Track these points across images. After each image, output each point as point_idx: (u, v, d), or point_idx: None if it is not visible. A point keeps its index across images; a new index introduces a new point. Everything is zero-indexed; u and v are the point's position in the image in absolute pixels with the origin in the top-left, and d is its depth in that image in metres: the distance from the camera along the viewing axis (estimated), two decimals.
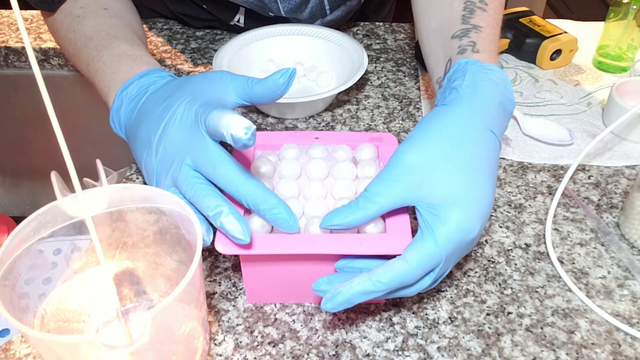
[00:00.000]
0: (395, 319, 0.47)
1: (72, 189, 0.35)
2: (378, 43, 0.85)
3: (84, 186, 0.41)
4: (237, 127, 0.37)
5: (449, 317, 0.47)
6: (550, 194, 0.60)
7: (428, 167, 0.40)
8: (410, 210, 0.57)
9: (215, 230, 0.43)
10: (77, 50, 0.60)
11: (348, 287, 0.39)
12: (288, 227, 0.41)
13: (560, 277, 0.51)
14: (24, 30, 0.27)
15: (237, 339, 0.46)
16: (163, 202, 0.41)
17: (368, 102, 0.72)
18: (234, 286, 0.50)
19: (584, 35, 0.82)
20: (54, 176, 0.37)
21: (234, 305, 0.48)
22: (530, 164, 0.63)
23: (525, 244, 0.54)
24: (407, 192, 0.40)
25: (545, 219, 0.56)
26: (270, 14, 0.77)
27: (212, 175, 0.42)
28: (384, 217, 0.45)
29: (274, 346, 0.45)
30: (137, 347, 0.32)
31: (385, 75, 0.78)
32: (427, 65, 0.58)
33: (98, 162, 0.40)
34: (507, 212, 0.57)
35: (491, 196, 0.41)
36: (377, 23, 0.90)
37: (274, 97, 0.44)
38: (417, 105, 0.72)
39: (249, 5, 0.76)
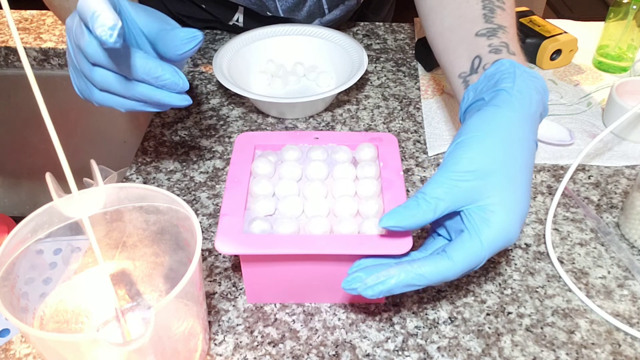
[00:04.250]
0: (395, 319, 0.47)
1: (69, 190, 0.35)
2: (378, 43, 0.85)
3: (83, 186, 0.41)
4: (101, 24, 0.38)
5: (449, 317, 0.47)
6: (550, 194, 0.59)
7: (486, 173, 0.40)
8: None
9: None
10: None
11: (391, 276, 0.39)
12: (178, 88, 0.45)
13: (560, 277, 0.51)
14: (14, 27, 0.27)
15: (237, 339, 0.46)
16: (160, 200, 0.41)
17: (368, 102, 0.72)
18: (234, 286, 0.50)
19: (584, 35, 0.82)
20: (48, 177, 0.37)
21: (234, 305, 0.48)
22: None
23: (525, 244, 0.54)
24: (464, 197, 0.40)
25: (545, 219, 0.56)
26: (268, 13, 0.77)
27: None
28: None
29: (274, 346, 0.45)
30: (141, 343, 0.32)
31: (385, 75, 0.78)
32: (443, 60, 0.58)
33: (92, 162, 0.40)
34: None
35: (529, 203, 0.42)
36: (377, 23, 0.90)
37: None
38: (417, 105, 0.72)
39: (248, 4, 0.76)
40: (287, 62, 0.76)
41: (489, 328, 0.47)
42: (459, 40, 0.54)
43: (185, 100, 0.48)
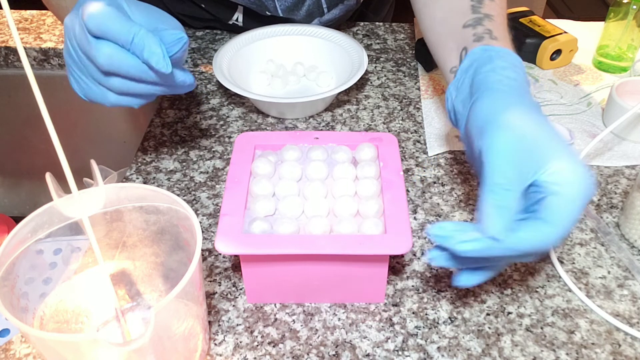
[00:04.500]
0: (395, 319, 0.47)
1: (69, 190, 0.35)
2: (378, 43, 0.85)
3: (83, 186, 0.41)
4: (154, 54, 0.44)
5: (449, 317, 0.47)
6: None
7: (533, 142, 0.39)
8: (411, 210, 0.57)
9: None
10: None
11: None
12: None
13: (560, 277, 0.51)
14: (14, 27, 0.27)
15: (237, 339, 0.46)
16: (160, 200, 0.41)
17: (368, 102, 0.72)
18: (234, 286, 0.50)
19: (584, 35, 0.82)
20: (48, 177, 0.37)
21: (234, 305, 0.48)
22: None
23: None
24: (528, 169, 0.39)
25: None
26: (267, 12, 0.77)
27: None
28: (384, 217, 0.45)
29: (274, 346, 0.45)
30: (141, 343, 0.32)
31: (385, 75, 0.78)
32: (436, 56, 0.58)
33: (92, 162, 0.40)
34: None
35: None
36: (377, 23, 0.90)
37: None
38: (417, 105, 0.72)
39: (247, 4, 0.76)
40: (287, 62, 0.76)
41: (489, 328, 0.47)
42: (449, 34, 0.55)
43: (192, 87, 0.51)
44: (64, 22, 0.48)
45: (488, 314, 0.48)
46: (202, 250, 0.54)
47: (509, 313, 0.48)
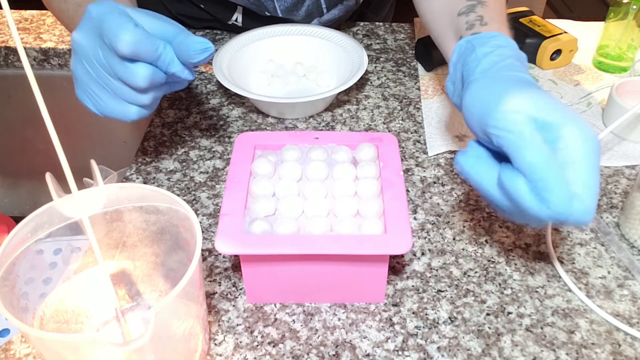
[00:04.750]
0: (395, 319, 0.47)
1: (69, 190, 0.35)
2: (378, 43, 0.85)
3: (83, 186, 0.41)
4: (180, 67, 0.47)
5: (449, 317, 0.47)
6: None
7: (533, 109, 0.39)
8: (411, 210, 0.57)
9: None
10: (70, 20, 0.61)
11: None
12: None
13: (560, 277, 0.51)
14: (14, 27, 0.27)
15: (237, 339, 0.46)
16: (160, 200, 0.41)
17: (368, 102, 0.72)
18: (234, 286, 0.50)
19: (584, 35, 0.82)
20: (48, 177, 0.37)
21: (234, 305, 0.48)
22: None
23: (525, 244, 0.54)
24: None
25: None
26: (266, 13, 0.77)
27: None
28: (384, 217, 0.45)
29: (274, 346, 0.45)
30: (141, 343, 0.32)
31: (385, 75, 0.78)
32: (441, 48, 0.59)
33: (92, 162, 0.40)
34: None
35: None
36: (377, 23, 0.90)
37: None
38: (417, 105, 0.72)
39: (246, 4, 0.76)
40: (287, 62, 0.76)
41: (489, 328, 0.47)
42: (448, 24, 0.55)
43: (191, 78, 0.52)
44: (73, 37, 0.47)
45: (488, 314, 0.48)
46: (202, 250, 0.54)
47: (509, 313, 0.48)
